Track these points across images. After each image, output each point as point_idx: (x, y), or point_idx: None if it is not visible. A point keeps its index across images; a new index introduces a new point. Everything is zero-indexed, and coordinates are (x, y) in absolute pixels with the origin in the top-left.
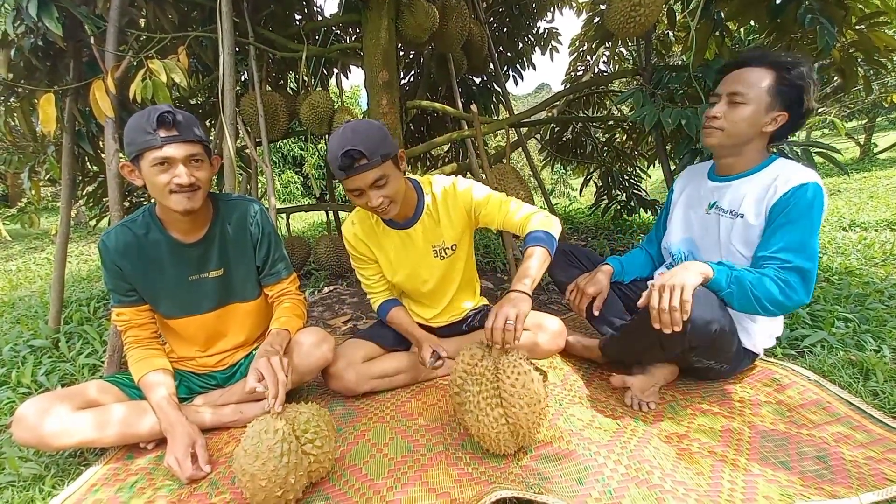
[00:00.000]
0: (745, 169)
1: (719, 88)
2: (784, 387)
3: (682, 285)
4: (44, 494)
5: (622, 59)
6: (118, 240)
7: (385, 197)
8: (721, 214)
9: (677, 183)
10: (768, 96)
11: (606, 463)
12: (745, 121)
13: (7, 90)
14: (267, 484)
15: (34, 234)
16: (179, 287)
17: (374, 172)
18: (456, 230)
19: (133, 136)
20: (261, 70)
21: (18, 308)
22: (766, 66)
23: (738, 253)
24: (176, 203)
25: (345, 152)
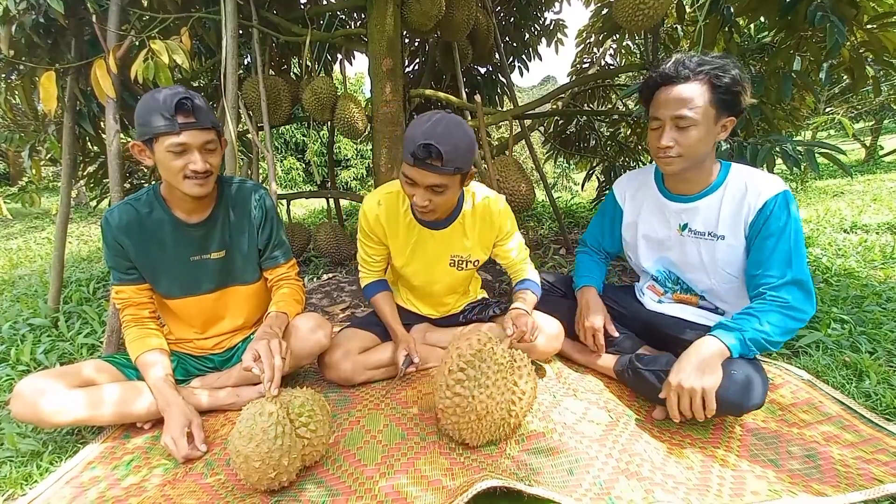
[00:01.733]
0: (706, 185)
1: (657, 112)
2: (777, 386)
3: (704, 390)
4: (41, 470)
5: (629, 52)
6: (121, 216)
7: (432, 202)
8: (699, 238)
9: (620, 195)
10: (712, 108)
11: (598, 456)
12: (700, 140)
13: (8, 67)
14: (261, 465)
15: (35, 213)
16: (180, 267)
17: (439, 178)
18: (481, 246)
19: (148, 118)
20: (264, 54)
21: (18, 286)
22: (697, 79)
23: (727, 273)
24: (189, 188)
25: (426, 144)
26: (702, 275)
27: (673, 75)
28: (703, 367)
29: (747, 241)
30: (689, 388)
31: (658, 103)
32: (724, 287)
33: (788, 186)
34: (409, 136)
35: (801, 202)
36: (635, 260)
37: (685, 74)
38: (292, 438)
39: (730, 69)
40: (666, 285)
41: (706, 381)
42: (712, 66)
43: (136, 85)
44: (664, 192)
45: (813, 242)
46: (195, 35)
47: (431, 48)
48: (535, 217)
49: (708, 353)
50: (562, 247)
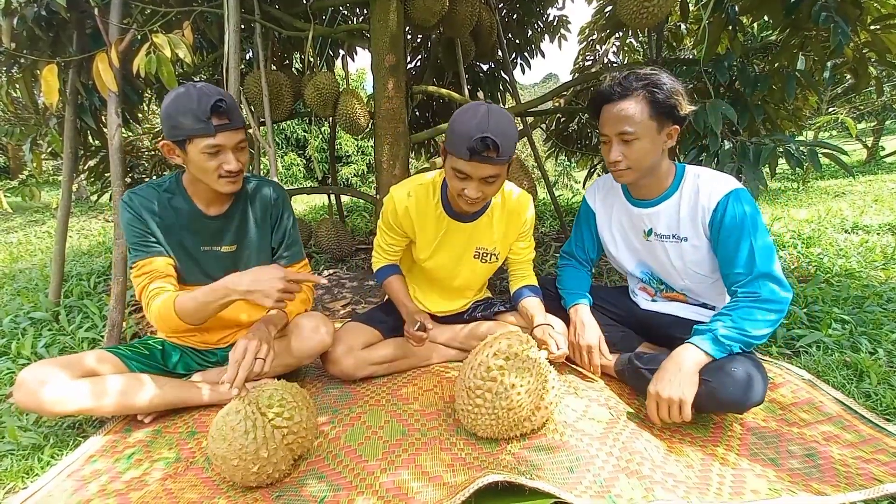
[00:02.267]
0: (664, 189)
1: (604, 130)
2: (777, 385)
3: (681, 400)
4: (42, 463)
5: (632, 50)
6: (144, 195)
7: (484, 193)
8: (665, 240)
9: (591, 200)
10: (653, 121)
11: (598, 454)
12: (646, 152)
13: (9, 60)
14: (239, 462)
15: (35, 207)
16: (193, 255)
17: (494, 169)
18: (505, 240)
19: (181, 119)
20: (266, 48)
21: (19, 280)
22: (634, 95)
23: (697, 273)
24: (222, 186)
25: (483, 138)
26: (675, 276)
27: (609, 94)
28: (681, 378)
29: (710, 241)
30: (667, 398)
31: (603, 121)
32: (697, 286)
33: (740, 184)
34: (461, 132)
35: (803, 202)
36: (619, 264)
37: (621, 92)
38: (266, 430)
39: (663, 84)
40: (652, 285)
41: (683, 392)
42: (646, 83)
43: (138, 79)
44: (628, 197)
45: (814, 242)
46: (197, 29)
47: (434, 44)
48: (536, 215)
49: (686, 363)
50: (563, 244)
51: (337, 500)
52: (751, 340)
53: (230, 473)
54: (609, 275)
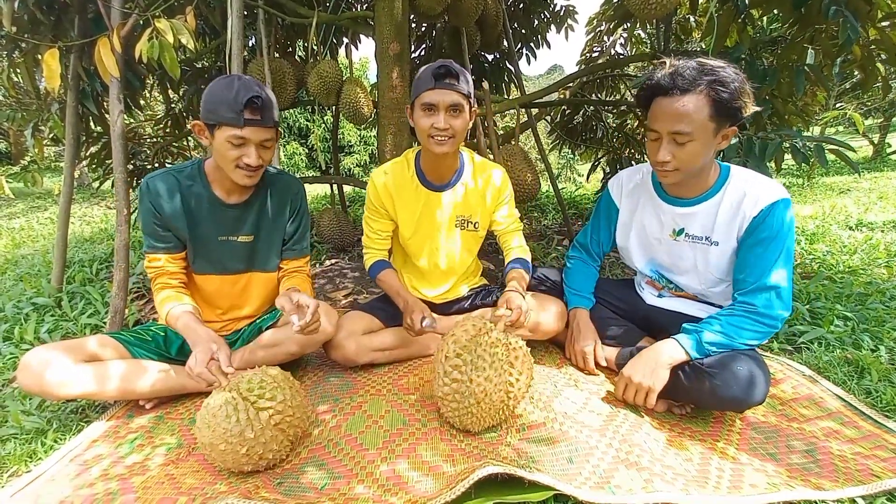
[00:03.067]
0: (706, 189)
1: (654, 124)
2: (778, 381)
3: (649, 389)
4: (45, 448)
5: (640, 41)
6: (161, 183)
7: (452, 126)
8: (695, 242)
9: (616, 193)
10: (711, 122)
11: (598, 445)
12: (698, 154)
13: (11, 44)
14: (226, 446)
15: (37, 193)
16: (209, 243)
17: (458, 97)
18: (482, 207)
19: (216, 105)
20: (269, 35)
21: (21, 266)
22: (695, 91)
23: (717, 278)
24: (239, 178)
25: (445, 64)
26: (692, 278)
27: (668, 87)
28: (654, 368)
29: (738, 244)
30: (636, 382)
31: (655, 115)
32: (713, 290)
33: (789, 194)
34: (424, 71)
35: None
36: (628, 259)
37: (683, 86)
38: (250, 412)
39: (730, 81)
40: (661, 283)
41: (652, 381)
42: (711, 79)
43: (140, 65)
44: (661, 194)
45: (818, 239)
46: (200, 15)
47: (439, 33)
48: (538, 207)
49: (662, 356)
50: (565, 237)
51: (337, 488)
52: (734, 346)
53: (221, 459)
54: (611, 269)
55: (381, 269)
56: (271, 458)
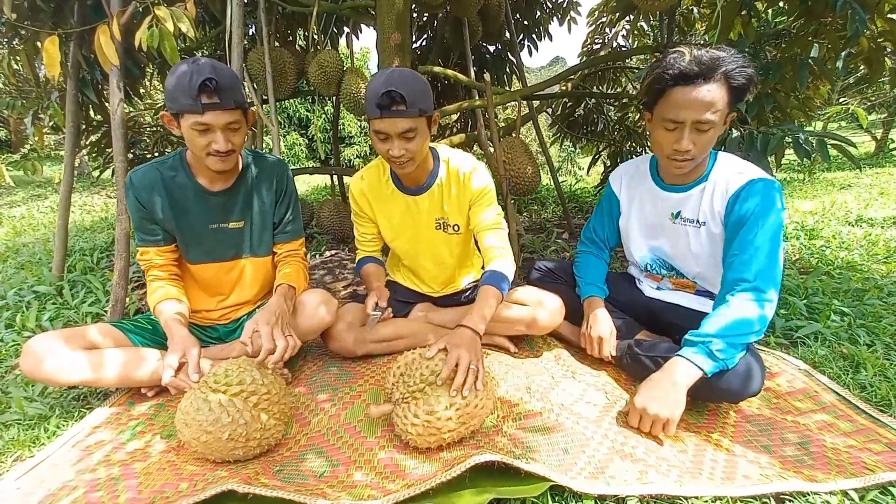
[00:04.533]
0: (700, 174)
1: (676, 114)
2: (774, 374)
3: (668, 420)
4: (48, 434)
5: (642, 34)
6: (145, 177)
7: (408, 150)
8: (688, 224)
9: (616, 186)
10: (727, 109)
11: (594, 436)
12: (713, 142)
13: (11, 31)
14: (208, 437)
15: (37, 181)
16: (200, 233)
17: (407, 122)
18: (460, 212)
19: (175, 94)
20: (270, 24)
21: (22, 254)
22: (716, 79)
23: (711, 259)
24: (212, 164)
25: (388, 91)
26: (691, 262)
27: (694, 75)
28: (670, 395)
29: (724, 227)
30: (653, 415)
31: (676, 104)
32: (711, 273)
33: (771, 177)
34: (370, 92)
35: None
36: (628, 250)
37: (705, 73)
38: (222, 399)
39: (746, 68)
40: (661, 272)
41: (671, 411)
42: (729, 66)
43: (141, 53)
44: (658, 182)
45: (817, 235)
46: (200, 3)
47: (440, 24)
48: (538, 200)
49: (676, 379)
50: (565, 231)
51: (335, 475)
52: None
53: (210, 451)
54: (622, 263)
55: (363, 265)
56: (261, 439)
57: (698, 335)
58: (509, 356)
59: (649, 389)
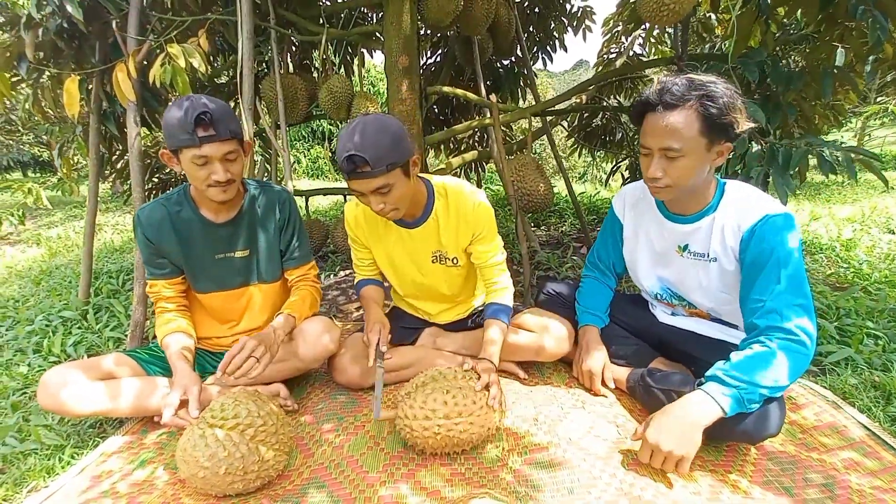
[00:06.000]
0: (705, 205)
1: (646, 141)
2: (800, 406)
3: (682, 458)
4: (63, 463)
5: (659, 41)
6: (151, 215)
7: (387, 203)
8: (697, 258)
9: (619, 208)
10: (702, 137)
11: (601, 476)
12: (690, 170)
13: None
14: (204, 472)
15: (74, 202)
16: (207, 263)
17: (377, 181)
18: (458, 246)
19: (172, 131)
20: (281, 53)
21: (54, 277)
22: (684, 106)
23: (724, 295)
24: (213, 195)
25: (349, 156)
26: (701, 296)
27: (656, 102)
28: (684, 432)
29: (740, 264)
30: (666, 451)
31: (645, 131)
32: (724, 308)
33: (784, 208)
34: (339, 153)
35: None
36: (635, 278)
37: (671, 101)
38: (217, 434)
39: (719, 96)
40: (672, 301)
41: (686, 450)
42: (700, 94)
43: (156, 88)
44: (663, 211)
45: (854, 245)
46: (217, 32)
47: (452, 41)
48: (556, 213)
49: (693, 416)
50: (583, 245)
51: None
52: (778, 387)
53: (209, 486)
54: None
55: (363, 287)
56: (259, 471)
57: (729, 374)
58: (519, 383)
59: (663, 423)
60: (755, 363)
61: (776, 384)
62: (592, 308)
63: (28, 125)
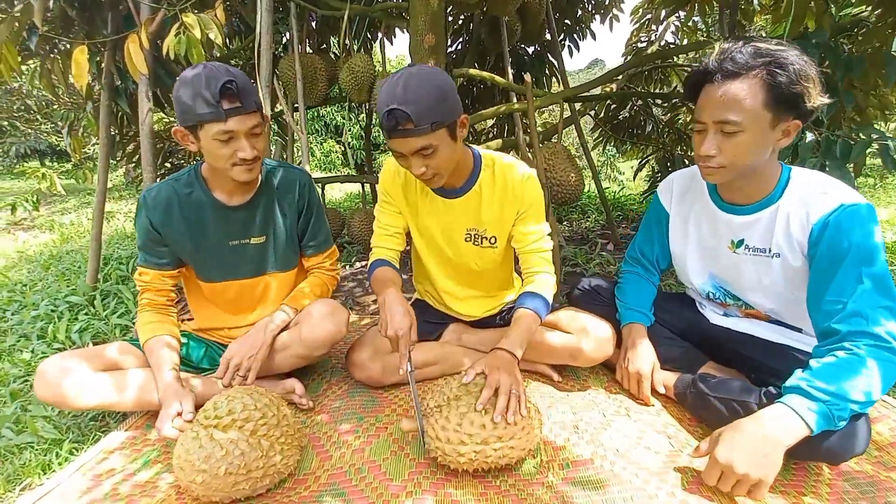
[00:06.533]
0: (765, 194)
1: (701, 115)
2: (874, 420)
3: (760, 483)
4: (60, 459)
5: (694, 29)
6: (159, 196)
7: (429, 167)
8: (756, 254)
9: (665, 197)
10: (766, 111)
11: (657, 494)
12: (749, 150)
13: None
14: (204, 476)
15: (89, 189)
16: (220, 251)
17: (420, 140)
18: (499, 220)
19: (191, 104)
20: (301, 29)
21: (64, 262)
22: (748, 75)
23: (788, 295)
24: (238, 174)
25: (389, 111)
26: (760, 296)
27: (715, 70)
28: (764, 453)
29: (810, 261)
30: (741, 474)
31: (701, 104)
32: (789, 310)
33: (861, 198)
34: (378, 107)
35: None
36: (683, 275)
37: (732, 69)
38: (214, 436)
39: (790, 63)
40: (726, 301)
41: (764, 472)
42: (767, 60)
43: (174, 62)
44: (716, 200)
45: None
46: (234, 13)
47: (476, 25)
48: (580, 209)
49: (775, 434)
50: (609, 241)
51: None
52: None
53: (211, 492)
54: (665, 278)
55: (375, 268)
56: (266, 468)
57: (815, 386)
58: (552, 386)
59: (737, 441)
60: (843, 373)
61: (867, 397)
62: (636, 305)
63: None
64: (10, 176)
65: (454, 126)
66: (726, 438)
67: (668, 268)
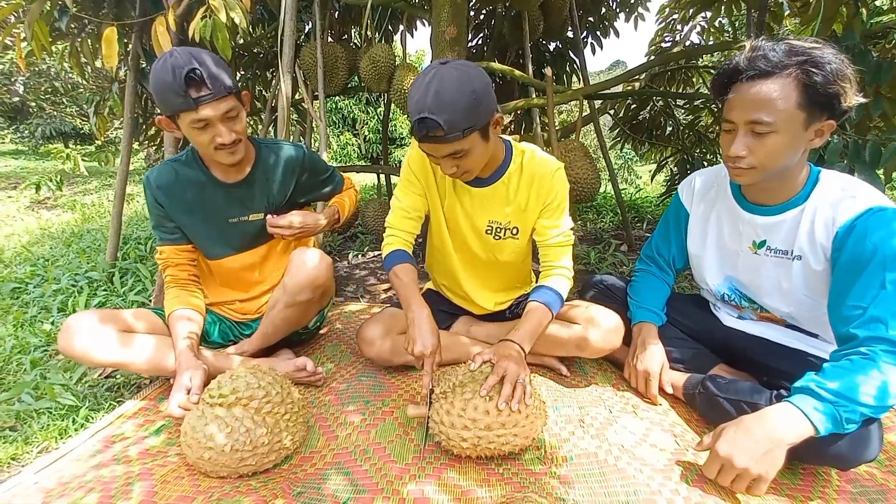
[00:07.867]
0: (792, 195)
1: (729, 113)
2: (886, 430)
3: (760, 477)
4: (76, 425)
5: (720, 30)
6: (160, 177)
7: (460, 167)
8: (778, 256)
9: (686, 196)
10: (800, 111)
11: (661, 490)
12: (781, 151)
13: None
14: (210, 454)
15: (111, 171)
16: (220, 227)
17: (451, 147)
18: (525, 213)
19: (164, 95)
20: (324, 18)
21: (85, 240)
22: (781, 74)
23: (810, 300)
24: (222, 158)
25: (420, 119)
26: (777, 299)
27: (746, 68)
28: (767, 449)
29: (832, 264)
30: (740, 468)
31: (731, 103)
32: (806, 315)
33: (892, 203)
34: (410, 110)
35: None
36: (699, 275)
37: (765, 68)
38: (219, 414)
39: (826, 62)
40: (741, 303)
41: (764, 468)
42: (803, 59)
43: (195, 44)
44: (740, 200)
45: None
46: (259, 1)
47: (498, 20)
48: (594, 208)
49: (778, 432)
50: (623, 242)
51: None
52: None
53: (218, 468)
54: (677, 281)
55: (397, 262)
56: (271, 444)
57: (824, 387)
58: (559, 382)
59: (739, 435)
60: (855, 377)
61: (878, 402)
62: (649, 304)
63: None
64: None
65: (487, 127)
66: (728, 433)
67: (684, 268)
